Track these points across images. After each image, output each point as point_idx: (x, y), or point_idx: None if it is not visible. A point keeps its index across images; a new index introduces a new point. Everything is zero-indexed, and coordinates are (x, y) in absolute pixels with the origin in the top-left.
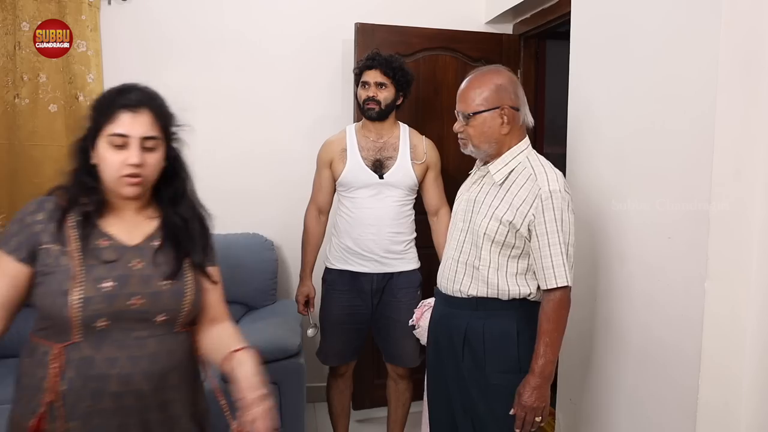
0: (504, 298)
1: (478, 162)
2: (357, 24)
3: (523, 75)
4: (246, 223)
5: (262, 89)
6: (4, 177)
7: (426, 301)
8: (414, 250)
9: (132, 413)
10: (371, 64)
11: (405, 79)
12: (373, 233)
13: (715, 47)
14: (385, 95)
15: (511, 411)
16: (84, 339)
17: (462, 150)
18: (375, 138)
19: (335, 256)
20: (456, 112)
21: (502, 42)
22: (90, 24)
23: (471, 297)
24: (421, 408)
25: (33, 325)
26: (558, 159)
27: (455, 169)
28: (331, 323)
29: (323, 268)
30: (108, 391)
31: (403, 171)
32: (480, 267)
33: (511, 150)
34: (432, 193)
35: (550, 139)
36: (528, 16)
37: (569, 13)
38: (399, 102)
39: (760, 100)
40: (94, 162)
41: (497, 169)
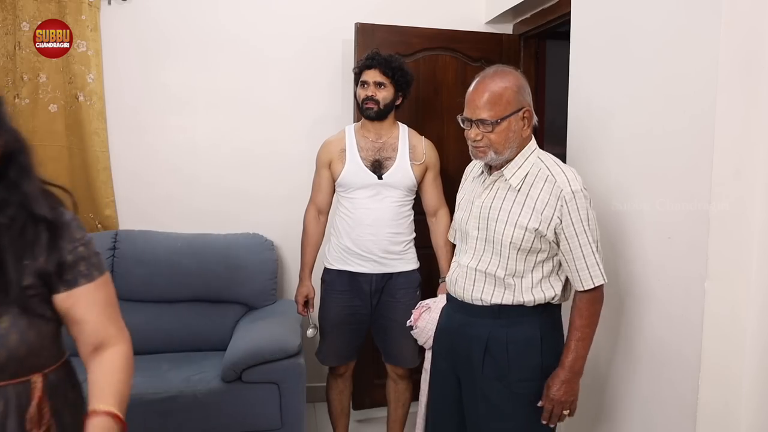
0: (530, 305)
1: (482, 166)
2: (357, 24)
3: (523, 75)
4: (246, 223)
5: (262, 89)
6: None
7: (424, 302)
8: (413, 250)
9: None
10: (370, 63)
11: (404, 80)
12: (372, 234)
13: (715, 47)
14: (384, 95)
15: (539, 403)
16: None
17: (478, 159)
18: (374, 138)
19: (334, 256)
20: (469, 119)
21: (502, 42)
22: (90, 24)
23: (493, 305)
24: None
25: None
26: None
27: (455, 170)
28: (331, 323)
29: (323, 268)
30: None
31: (402, 172)
32: (506, 277)
33: (523, 152)
34: (431, 194)
35: (550, 139)
36: (528, 16)
37: (569, 13)
38: (398, 102)
39: (760, 100)
40: None
41: (512, 173)
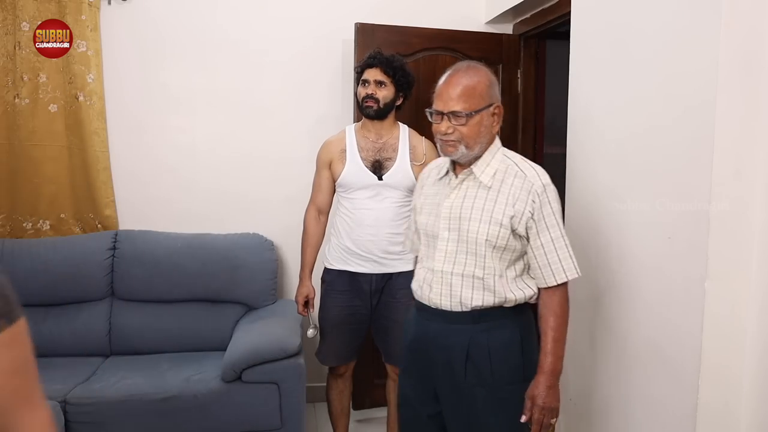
0: (509, 305)
1: (446, 166)
2: (357, 24)
3: (523, 75)
4: (246, 223)
5: (262, 89)
6: (4, 177)
7: None
8: None
9: None
10: (372, 62)
11: (405, 80)
12: (372, 234)
13: (715, 47)
14: (384, 94)
15: (523, 418)
16: None
17: (446, 155)
18: (374, 138)
19: (334, 256)
20: (440, 112)
21: (502, 42)
22: (90, 24)
23: (473, 309)
24: None
25: None
26: (558, 159)
27: None
28: (330, 324)
29: (323, 268)
30: None
31: (402, 172)
32: (485, 276)
33: (490, 149)
34: None
35: (550, 139)
36: (528, 16)
37: (569, 13)
38: (399, 102)
39: (760, 100)
40: None
41: (482, 171)
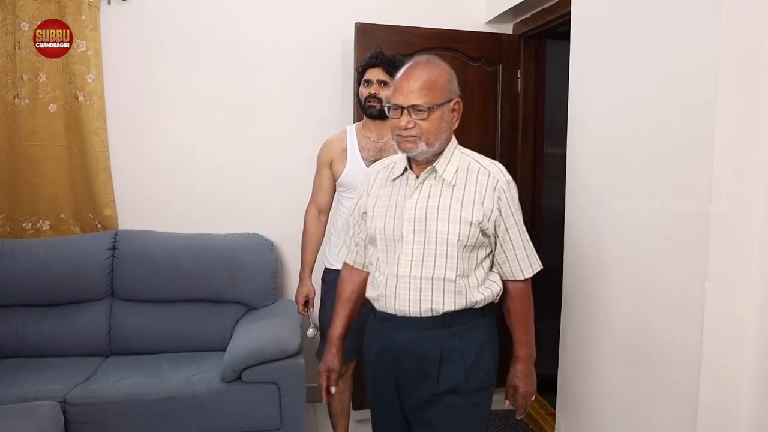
0: (479, 305)
1: (403, 163)
2: (357, 24)
3: (523, 75)
4: (246, 223)
5: (262, 89)
6: (3, 177)
7: None
8: None
9: None
10: (374, 62)
11: None
12: None
13: (715, 47)
14: (387, 93)
15: (507, 403)
16: None
17: (405, 151)
18: (375, 138)
19: (334, 256)
20: (399, 106)
21: (502, 42)
22: (90, 24)
23: (445, 314)
24: None
25: None
26: (558, 159)
27: None
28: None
29: (323, 268)
30: None
31: None
32: (457, 279)
33: (449, 147)
34: None
35: (550, 139)
36: (528, 16)
37: (569, 13)
38: None
39: (760, 100)
40: None
41: (444, 168)
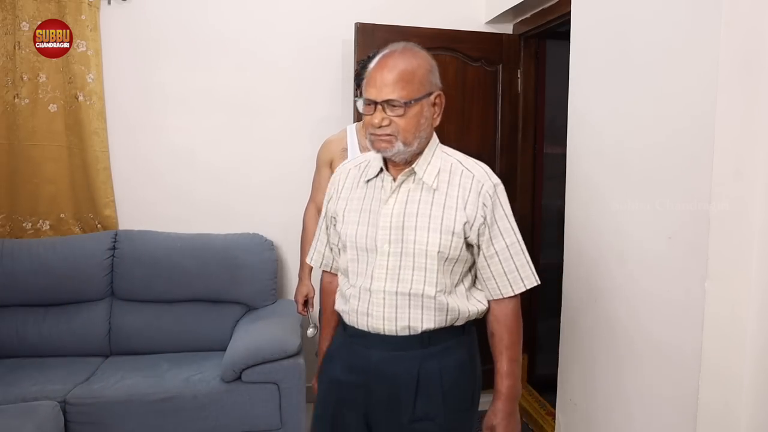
0: (461, 323)
1: (378, 163)
2: (357, 24)
3: (523, 75)
4: (246, 223)
5: (262, 89)
6: (3, 177)
7: None
8: None
9: None
10: None
11: None
12: None
13: (715, 47)
14: None
15: None
16: None
17: (380, 151)
18: None
19: None
20: (373, 101)
21: (502, 42)
22: (90, 24)
23: (423, 332)
24: None
25: None
26: (558, 159)
27: None
28: None
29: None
30: None
31: None
32: (437, 294)
33: (429, 146)
34: None
35: (550, 139)
36: (528, 16)
37: (569, 13)
38: None
39: (760, 100)
40: None
41: (424, 170)
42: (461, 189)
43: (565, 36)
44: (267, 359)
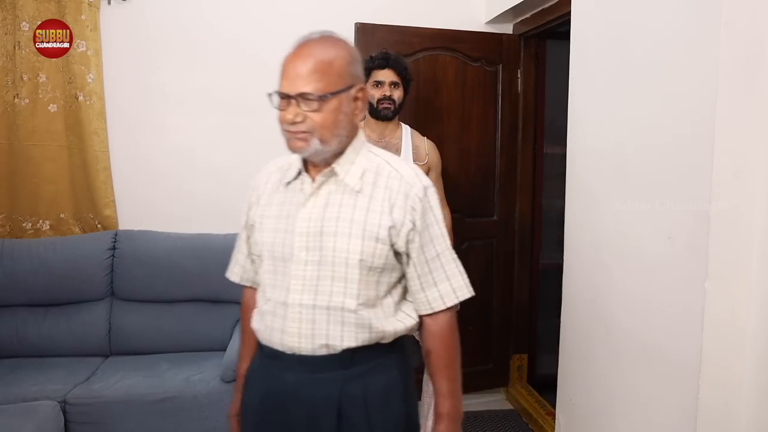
0: (388, 339)
1: (297, 165)
2: (357, 24)
3: (523, 75)
4: None
5: (262, 89)
6: (3, 177)
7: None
8: None
9: None
10: (384, 63)
11: (410, 79)
12: None
13: (715, 47)
14: (399, 94)
15: None
16: None
17: (295, 150)
18: (377, 138)
19: None
20: (286, 95)
21: (502, 42)
22: (90, 24)
23: (345, 351)
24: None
25: None
26: (558, 159)
27: (455, 170)
28: None
29: None
30: None
31: None
32: (358, 308)
33: (353, 144)
34: None
35: (550, 139)
36: (528, 16)
37: (569, 13)
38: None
39: (760, 100)
40: None
41: (347, 171)
42: (388, 191)
43: (565, 36)
44: None
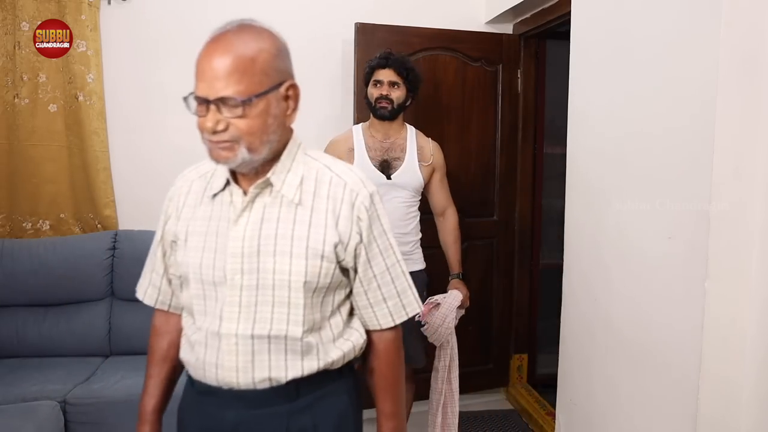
0: (338, 365)
1: (224, 174)
2: (357, 24)
3: (523, 75)
4: None
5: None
6: (3, 177)
7: (433, 298)
8: (420, 250)
9: None
10: (384, 63)
11: (416, 81)
12: None
13: (715, 46)
14: (398, 94)
15: None
16: None
17: (221, 162)
18: (382, 138)
19: None
20: (204, 99)
21: (502, 42)
22: (90, 24)
23: (290, 383)
24: (420, 409)
25: None
26: (558, 159)
27: (455, 170)
28: None
29: None
30: None
31: (411, 172)
32: (304, 336)
33: (288, 149)
34: (439, 195)
35: (550, 139)
36: (528, 16)
37: (569, 13)
38: (408, 103)
39: (760, 100)
40: None
41: (283, 180)
42: (331, 201)
43: (565, 36)
44: None
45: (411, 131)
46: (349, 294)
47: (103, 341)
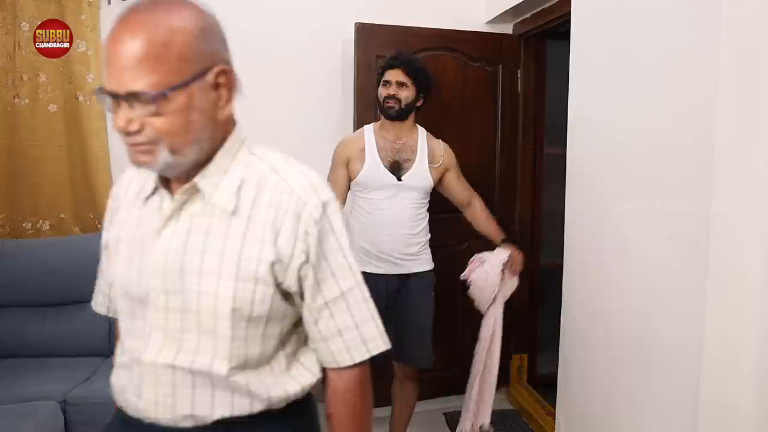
0: (279, 405)
1: (153, 176)
2: (357, 24)
3: (523, 75)
4: None
5: (261, 90)
6: (3, 177)
7: (478, 255)
8: (428, 251)
9: None
10: (394, 63)
11: (426, 81)
12: (390, 235)
13: (716, 47)
14: (406, 95)
15: None
16: None
17: (140, 166)
18: (393, 139)
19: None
20: (114, 94)
21: (502, 42)
22: (90, 24)
23: (218, 422)
24: (423, 408)
25: None
26: (558, 159)
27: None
28: None
29: None
30: None
31: (421, 174)
32: (231, 374)
33: (225, 147)
34: (459, 189)
35: (550, 139)
36: (528, 16)
37: (569, 13)
38: (419, 104)
39: (760, 99)
40: None
41: (216, 185)
42: (272, 210)
43: (565, 36)
44: None
45: (422, 133)
46: (297, 324)
47: (103, 341)
